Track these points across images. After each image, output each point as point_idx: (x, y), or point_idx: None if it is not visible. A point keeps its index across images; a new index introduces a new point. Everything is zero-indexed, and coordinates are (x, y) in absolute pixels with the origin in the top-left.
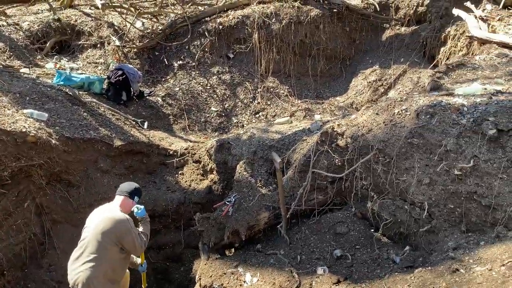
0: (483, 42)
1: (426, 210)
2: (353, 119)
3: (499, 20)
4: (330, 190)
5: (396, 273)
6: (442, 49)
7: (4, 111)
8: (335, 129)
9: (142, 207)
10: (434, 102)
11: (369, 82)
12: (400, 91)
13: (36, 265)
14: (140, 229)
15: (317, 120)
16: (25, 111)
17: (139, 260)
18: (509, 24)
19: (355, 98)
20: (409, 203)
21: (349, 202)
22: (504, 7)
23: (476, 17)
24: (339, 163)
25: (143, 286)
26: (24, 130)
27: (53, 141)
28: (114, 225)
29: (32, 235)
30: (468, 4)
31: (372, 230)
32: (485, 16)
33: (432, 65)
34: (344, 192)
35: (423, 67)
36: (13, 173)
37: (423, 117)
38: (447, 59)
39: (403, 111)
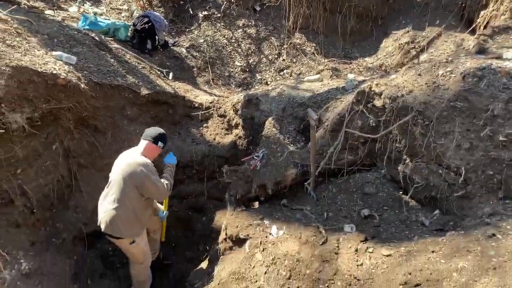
0: None
1: (462, 175)
2: (392, 79)
3: None
4: (361, 151)
5: (426, 235)
6: (482, 12)
7: (34, 51)
8: (372, 89)
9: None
10: (483, 65)
11: (401, 44)
12: (433, 55)
13: (63, 206)
14: (163, 175)
15: (351, 79)
16: (54, 53)
17: (161, 207)
18: None
19: (385, 60)
20: (444, 167)
21: (380, 163)
22: None
23: None
24: (373, 124)
25: (162, 239)
26: (54, 72)
27: (82, 85)
28: (134, 170)
29: (60, 177)
30: None
31: (401, 193)
32: None
33: (470, 29)
34: (375, 154)
35: (460, 31)
36: (43, 115)
37: (470, 80)
38: (487, 23)
39: (447, 73)
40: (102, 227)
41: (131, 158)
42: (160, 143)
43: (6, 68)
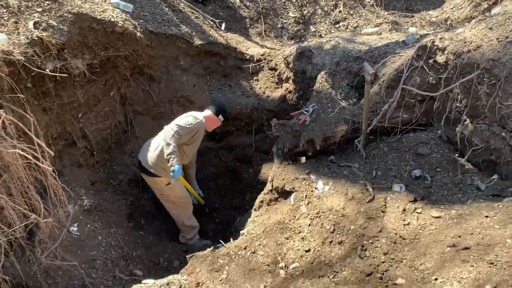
0: None
1: None
2: (458, 33)
3: None
4: (418, 109)
5: (480, 200)
6: None
7: None
8: (435, 43)
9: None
10: None
11: None
12: (508, 8)
13: (120, 150)
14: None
15: (412, 32)
16: (112, 0)
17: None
18: None
19: (451, 13)
20: (508, 130)
21: (436, 123)
22: None
23: None
24: (433, 81)
25: (201, 202)
26: (112, 20)
27: (138, 34)
28: (185, 117)
29: (117, 122)
30: None
31: (457, 155)
32: None
33: None
34: (432, 113)
35: None
36: (101, 62)
37: None
38: None
39: None
40: (143, 163)
41: (190, 113)
42: (220, 116)
43: (68, 14)
